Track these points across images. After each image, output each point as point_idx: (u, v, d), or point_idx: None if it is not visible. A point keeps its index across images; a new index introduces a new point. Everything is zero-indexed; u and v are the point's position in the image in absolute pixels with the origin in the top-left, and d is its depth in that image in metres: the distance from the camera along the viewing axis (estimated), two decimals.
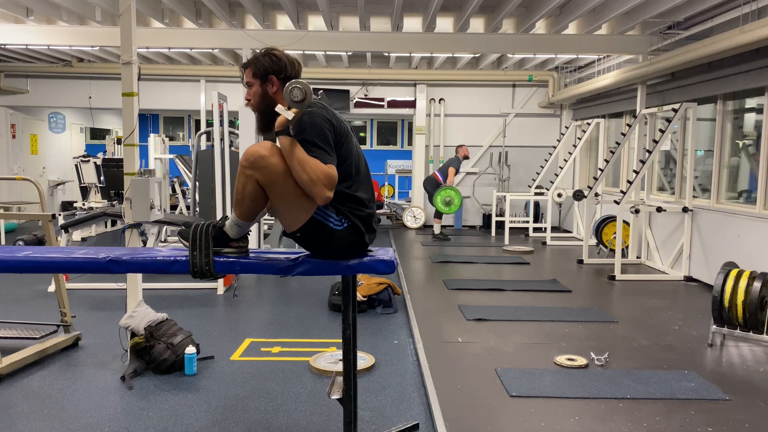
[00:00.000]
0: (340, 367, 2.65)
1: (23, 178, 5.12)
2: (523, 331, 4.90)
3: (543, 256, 8.72)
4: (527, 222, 11.05)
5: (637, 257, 8.20)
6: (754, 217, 6.04)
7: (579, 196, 8.97)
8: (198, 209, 7.68)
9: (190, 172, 8.28)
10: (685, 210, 6.98)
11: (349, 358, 2.58)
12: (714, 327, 4.51)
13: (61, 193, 11.85)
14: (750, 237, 6.03)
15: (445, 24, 8.31)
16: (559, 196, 10.24)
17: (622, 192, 7.35)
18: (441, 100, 11.70)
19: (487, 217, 11.53)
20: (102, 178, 9.70)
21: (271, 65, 2.43)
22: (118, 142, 11.18)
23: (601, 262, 8.09)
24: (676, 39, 7.27)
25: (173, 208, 10.01)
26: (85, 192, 10.06)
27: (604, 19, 7.19)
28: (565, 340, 4.63)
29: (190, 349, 3.91)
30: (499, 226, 10.79)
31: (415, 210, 11.72)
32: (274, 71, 2.43)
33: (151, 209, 4.06)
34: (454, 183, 10.54)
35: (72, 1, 7.14)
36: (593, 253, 8.46)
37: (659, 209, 7.17)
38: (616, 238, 7.36)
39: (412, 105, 11.66)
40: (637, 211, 7.39)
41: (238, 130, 7.63)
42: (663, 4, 6.38)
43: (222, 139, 6.82)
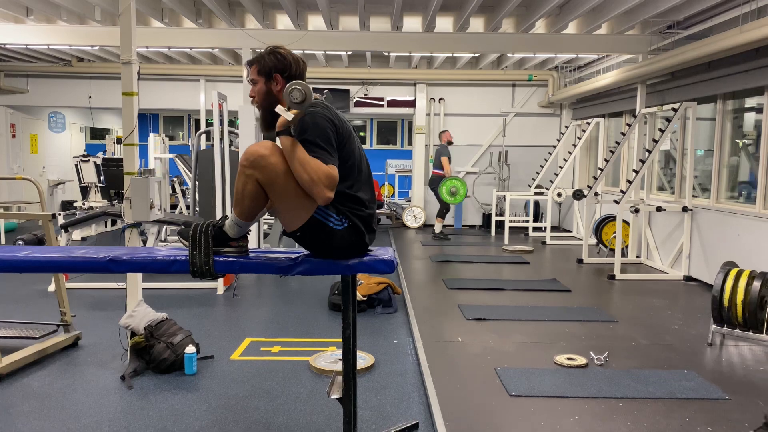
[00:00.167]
0: (340, 366, 2.65)
1: (23, 178, 5.11)
2: (523, 330, 4.90)
3: (543, 256, 8.73)
4: (527, 221, 11.05)
5: (636, 257, 8.20)
6: (754, 216, 6.04)
7: (579, 195, 8.97)
8: (198, 209, 7.68)
9: (190, 172, 8.28)
10: (684, 209, 6.99)
11: (348, 358, 2.59)
12: (714, 326, 4.51)
13: (61, 192, 11.84)
14: (750, 236, 6.03)
15: (444, 23, 8.31)
16: (558, 195, 10.24)
17: (622, 191, 7.35)
18: (441, 99, 11.70)
19: (486, 217, 11.53)
20: (102, 178, 9.70)
21: (276, 63, 2.44)
22: (118, 141, 11.17)
23: (601, 261, 8.09)
24: (676, 38, 7.27)
25: (173, 207, 10.00)
26: (85, 192, 10.06)
27: (604, 18, 7.19)
28: (564, 340, 4.63)
29: (190, 349, 3.92)
30: (499, 225, 10.79)
31: (415, 209, 11.72)
32: (279, 69, 2.44)
33: (151, 209, 4.06)
34: (453, 173, 10.70)
35: (72, 1, 7.14)
36: (593, 252, 8.47)
37: (659, 209, 7.17)
38: (615, 237, 7.36)
39: (411, 104, 11.66)
40: (636, 211, 7.40)
41: (237, 129, 7.64)
42: (663, 4, 6.38)
43: (222, 139, 6.82)
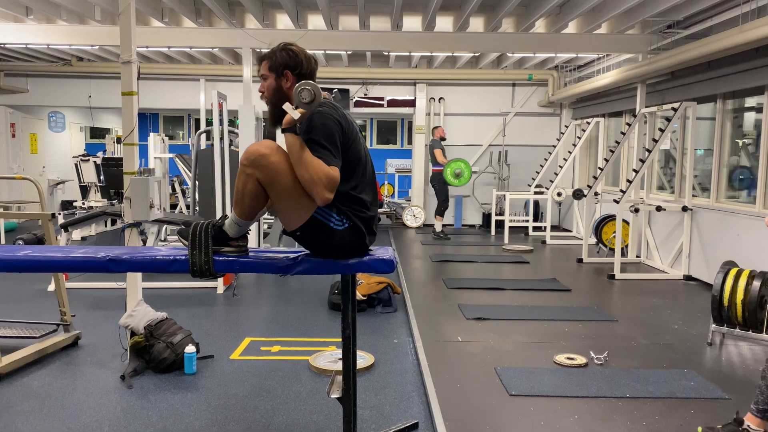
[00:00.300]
0: (340, 366, 2.65)
1: (23, 178, 5.10)
2: (523, 330, 4.90)
3: (542, 255, 8.73)
4: (527, 221, 11.05)
5: (636, 256, 8.20)
6: (754, 216, 6.03)
7: (579, 195, 8.97)
8: (197, 208, 7.68)
9: (190, 171, 8.28)
10: (684, 209, 6.99)
11: (348, 357, 2.59)
12: (713, 326, 4.51)
13: (60, 192, 11.84)
14: (749, 236, 6.03)
15: (444, 23, 8.31)
16: (558, 195, 10.25)
17: (622, 191, 7.35)
18: (441, 99, 11.70)
19: (486, 216, 11.53)
20: (102, 178, 9.69)
21: (288, 60, 2.43)
22: (118, 141, 11.17)
23: (601, 261, 8.09)
24: (676, 38, 7.27)
25: (173, 207, 10.01)
26: (84, 191, 10.05)
27: (604, 18, 7.19)
28: (564, 339, 4.63)
29: (190, 348, 3.92)
30: (499, 225, 10.80)
31: (415, 209, 11.72)
32: (290, 67, 2.43)
33: (151, 208, 4.06)
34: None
35: (71, 0, 7.13)
36: (593, 252, 8.47)
37: (659, 208, 7.17)
38: (615, 237, 7.36)
39: (411, 104, 11.66)
40: (636, 210, 7.40)
41: (237, 129, 7.65)
42: (662, 3, 6.37)
43: (222, 139, 6.82)
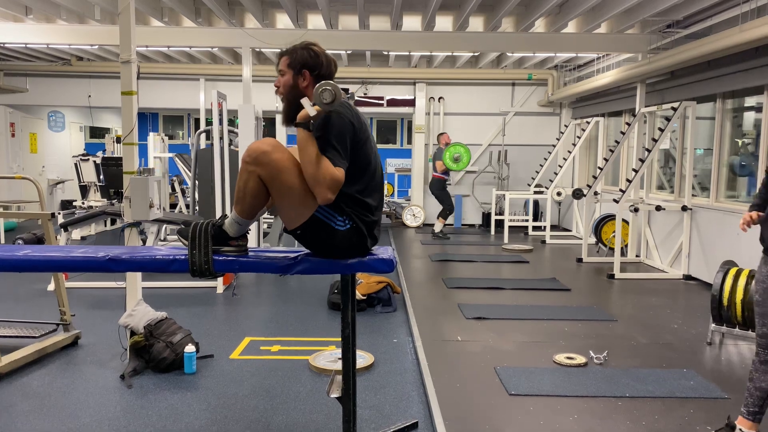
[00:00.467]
0: (340, 365, 2.65)
1: (23, 177, 5.11)
2: (523, 329, 4.90)
3: (542, 255, 8.73)
4: (527, 220, 11.05)
5: (636, 256, 8.20)
6: None
7: (578, 194, 8.97)
8: (197, 208, 7.68)
9: (190, 171, 8.28)
10: (684, 208, 6.99)
11: (348, 357, 2.59)
12: (713, 325, 4.51)
13: (60, 191, 11.84)
14: (749, 236, 6.00)
15: (444, 23, 8.30)
16: (558, 194, 10.25)
17: (622, 191, 7.35)
18: (440, 98, 11.70)
19: (486, 216, 11.53)
20: (101, 177, 9.69)
21: (308, 59, 2.43)
22: (118, 140, 11.17)
23: (601, 260, 8.09)
24: (676, 38, 7.27)
25: (173, 206, 10.01)
26: (84, 191, 10.05)
27: (604, 17, 7.18)
28: (564, 339, 4.63)
29: (190, 348, 3.92)
30: (499, 224, 10.80)
31: (415, 209, 11.72)
32: (309, 66, 2.43)
33: (151, 208, 4.06)
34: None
35: (71, 0, 7.13)
36: (592, 251, 8.47)
37: (658, 208, 7.17)
38: (615, 236, 7.36)
39: (411, 104, 11.66)
40: (636, 210, 7.40)
41: (237, 128, 7.64)
42: (662, 3, 6.37)
43: (221, 138, 6.82)
